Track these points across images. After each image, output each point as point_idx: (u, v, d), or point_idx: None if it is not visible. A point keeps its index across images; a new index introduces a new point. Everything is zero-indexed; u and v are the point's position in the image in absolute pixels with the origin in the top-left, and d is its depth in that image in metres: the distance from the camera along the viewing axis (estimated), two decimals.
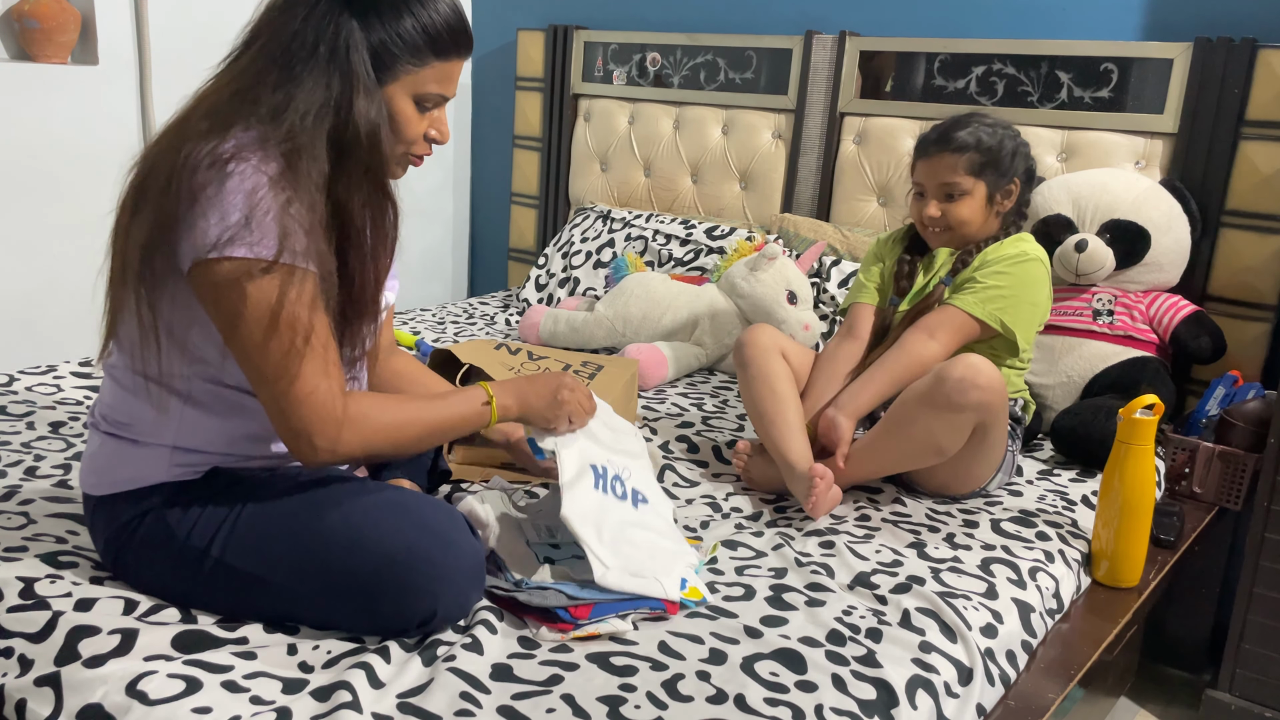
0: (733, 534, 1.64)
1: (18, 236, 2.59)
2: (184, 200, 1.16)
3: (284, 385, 1.19)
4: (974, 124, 1.84)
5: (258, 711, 1.09)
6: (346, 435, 1.23)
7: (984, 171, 1.83)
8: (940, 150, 1.84)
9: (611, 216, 3.07)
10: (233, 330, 1.19)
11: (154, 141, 1.24)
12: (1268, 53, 2.16)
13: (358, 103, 1.21)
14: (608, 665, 1.23)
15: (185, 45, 2.79)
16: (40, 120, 2.58)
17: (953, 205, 1.84)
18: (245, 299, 1.16)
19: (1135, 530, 1.66)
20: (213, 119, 1.19)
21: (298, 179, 1.17)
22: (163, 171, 1.18)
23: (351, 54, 1.21)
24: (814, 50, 2.75)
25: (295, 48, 1.21)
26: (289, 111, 1.19)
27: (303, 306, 1.18)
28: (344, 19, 1.21)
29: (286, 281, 1.16)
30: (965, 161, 1.82)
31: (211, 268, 1.16)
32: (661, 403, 2.26)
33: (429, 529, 1.26)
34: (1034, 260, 1.84)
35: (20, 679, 1.14)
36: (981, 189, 1.84)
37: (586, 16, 3.24)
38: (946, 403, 1.64)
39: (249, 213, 1.14)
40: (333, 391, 1.22)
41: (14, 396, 2.03)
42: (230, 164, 1.15)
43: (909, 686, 1.25)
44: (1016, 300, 1.82)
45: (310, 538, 1.24)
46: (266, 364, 1.19)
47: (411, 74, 1.26)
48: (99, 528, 1.32)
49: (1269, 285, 2.21)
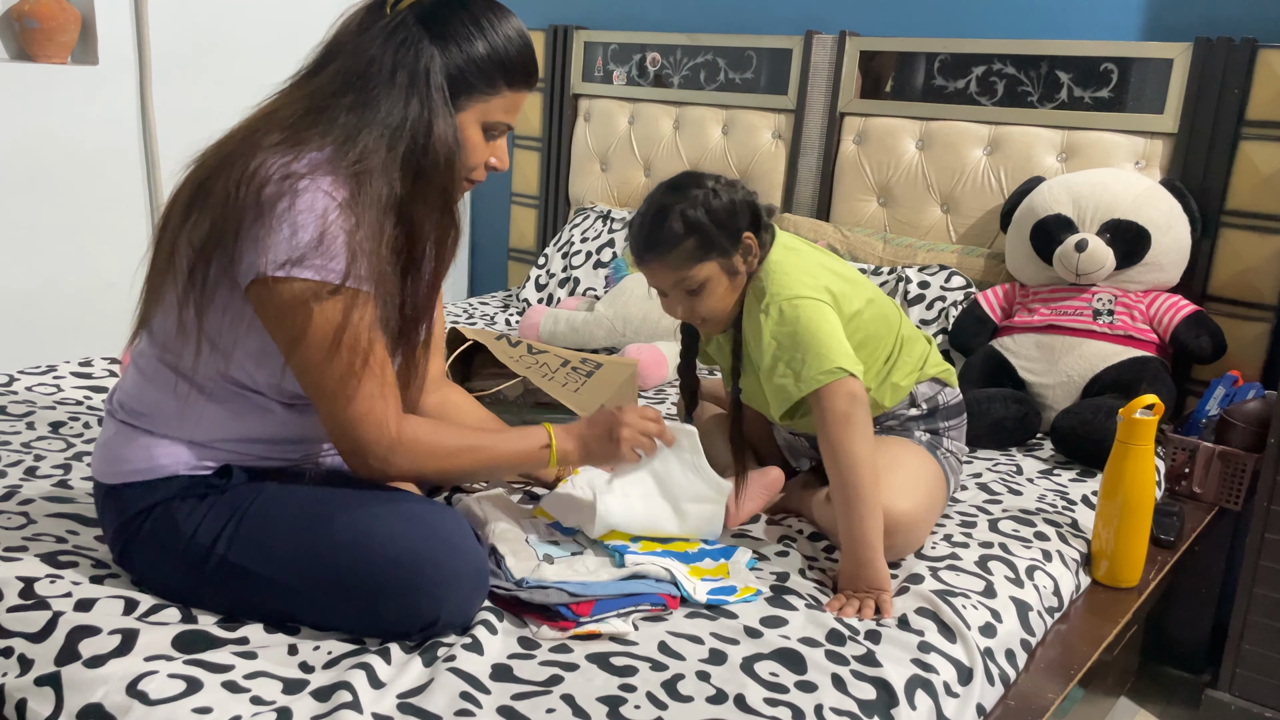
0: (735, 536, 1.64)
1: (18, 236, 2.59)
2: (249, 212, 1.16)
3: (342, 404, 1.22)
4: (677, 204, 1.56)
5: (258, 711, 1.09)
6: (397, 457, 1.26)
7: (709, 252, 1.56)
8: (653, 254, 1.58)
9: (611, 216, 3.07)
10: (294, 348, 1.21)
11: (216, 145, 1.25)
12: (1268, 53, 2.16)
13: (437, 126, 1.23)
14: (608, 665, 1.23)
15: (185, 45, 2.79)
16: (40, 120, 2.59)
17: (698, 299, 1.59)
18: (310, 320, 1.18)
19: (1135, 530, 1.66)
20: (286, 133, 1.19)
21: (367, 202, 1.19)
22: (229, 178, 1.17)
23: (431, 79, 1.23)
24: (814, 50, 2.75)
25: (373, 71, 1.22)
26: (364, 134, 1.20)
27: (364, 329, 1.20)
28: (423, 44, 1.23)
29: (350, 305, 1.18)
30: (683, 254, 1.55)
31: (278, 286, 1.17)
32: (661, 403, 2.26)
33: (435, 534, 1.26)
34: (805, 304, 1.54)
35: (20, 679, 1.14)
36: (715, 268, 1.57)
37: (586, 16, 3.24)
38: None
39: (320, 234, 1.15)
40: (387, 413, 1.25)
41: (14, 396, 2.03)
42: (303, 181, 1.16)
43: (909, 686, 1.25)
44: (811, 351, 1.52)
45: (316, 538, 1.25)
46: (326, 382, 1.21)
47: (483, 102, 1.28)
48: (108, 517, 1.33)
49: (1269, 285, 2.21)
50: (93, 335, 2.71)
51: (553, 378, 2.01)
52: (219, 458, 1.30)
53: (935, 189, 2.60)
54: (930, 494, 1.60)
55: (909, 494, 1.55)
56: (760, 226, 1.61)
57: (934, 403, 1.70)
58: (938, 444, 1.69)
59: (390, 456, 1.26)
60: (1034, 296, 2.31)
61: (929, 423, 1.70)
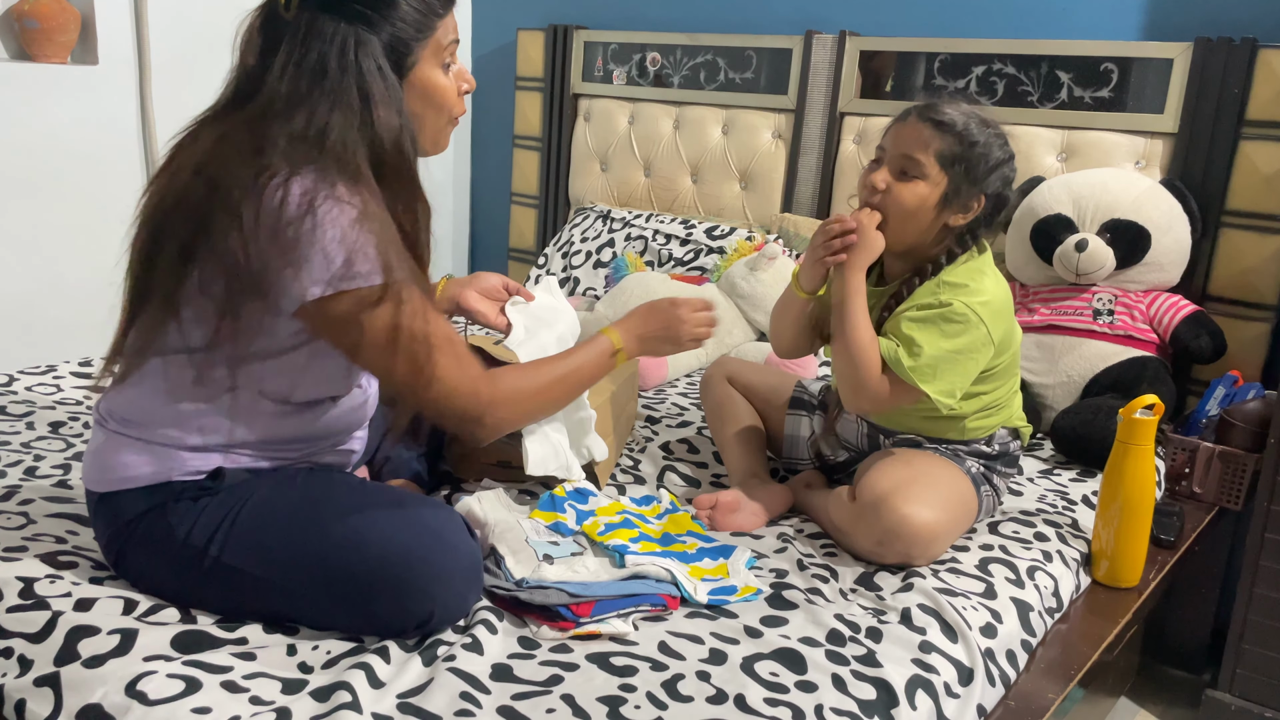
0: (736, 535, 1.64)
1: (18, 236, 2.59)
2: (272, 249, 1.15)
3: (427, 393, 1.26)
4: (970, 114, 1.59)
5: (257, 712, 1.09)
6: (500, 412, 1.32)
7: (954, 165, 1.57)
8: (920, 119, 1.58)
9: (611, 216, 3.07)
10: (362, 355, 1.23)
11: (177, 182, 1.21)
12: (1268, 53, 2.16)
13: (378, 114, 1.21)
14: (608, 665, 1.23)
15: (185, 45, 2.79)
16: (40, 120, 2.58)
17: (903, 185, 1.58)
18: (367, 327, 1.20)
19: (1135, 530, 1.66)
20: (262, 158, 1.16)
21: (371, 199, 1.19)
22: (231, 227, 1.15)
23: (362, 63, 1.20)
24: (814, 50, 2.75)
25: (304, 78, 1.19)
26: (330, 138, 1.18)
27: (418, 318, 1.22)
28: (338, 29, 1.20)
29: (398, 299, 1.20)
30: (941, 143, 1.56)
31: (326, 305, 1.18)
32: (661, 403, 2.26)
33: (427, 530, 1.26)
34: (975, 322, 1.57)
35: (20, 679, 1.14)
36: (941, 184, 1.57)
37: (586, 16, 3.24)
38: (870, 543, 1.55)
39: (351, 246, 1.16)
40: (473, 380, 1.29)
41: (14, 396, 2.03)
42: (317, 204, 1.15)
43: (909, 686, 1.25)
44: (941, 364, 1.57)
45: (308, 538, 1.24)
46: (404, 378, 1.24)
47: (428, 43, 1.27)
48: (100, 524, 1.32)
49: (1269, 285, 2.21)
50: (93, 335, 2.70)
51: None
52: (212, 461, 1.29)
53: None
54: (955, 515, 1.60)
55: (935, 507, 1.55)
56: (994, 214, 1.63)
57: (1005, 448, 1.74)
58: (983, 480, 1.70)
59: (492, 415, 1.31)
60: (1034, 296, 2.31)
61: (989, 462, 1.72)
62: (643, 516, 1.63)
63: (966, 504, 1.64)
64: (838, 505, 1.63)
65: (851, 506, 1.58)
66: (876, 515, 1.53)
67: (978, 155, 1.58)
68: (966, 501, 1.64)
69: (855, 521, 1.56)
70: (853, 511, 1.57)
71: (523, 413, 1.38)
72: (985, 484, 1.70)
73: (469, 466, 1.78)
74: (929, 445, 1.71)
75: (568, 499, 1.64)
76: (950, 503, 1.59)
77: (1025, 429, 1.79)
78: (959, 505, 1.62)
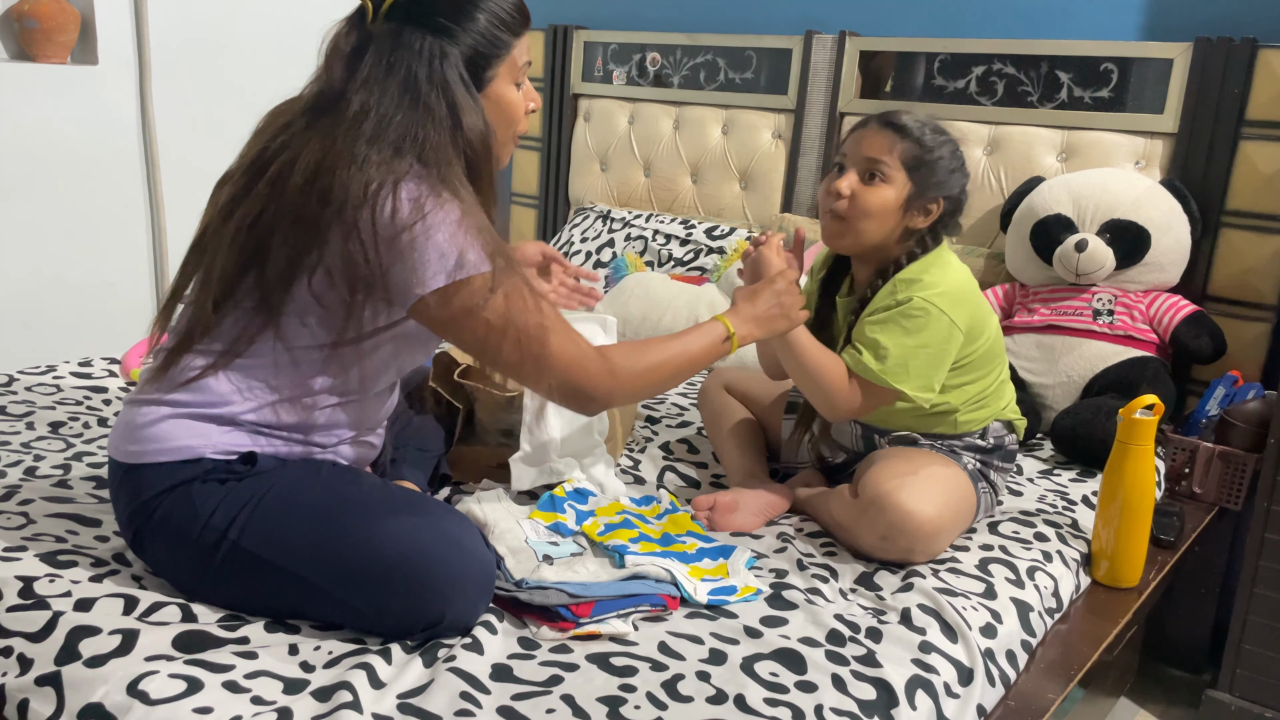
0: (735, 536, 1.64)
1: (18, 236, 2.59)
2: (391, 254, 1.21)
3: (545, 369, 1.30)
4: (926, 121, 1.66)
5: (259, 711, 1.09)
6: (617, 384, 1.35)
7: (916, 170, 1.62)
8: (882, 125, 1.65)
9: (611, 216, 3.07)
10: (480, 344, 1.28)
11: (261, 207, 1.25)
12: (1268, 53, 2.16)
13: (466, 119, 1.28)
14: (608, 665, 1.23)
15: (185, 45, 2.79)
16: (40, 120, 2.59)
17: (868, 190, 1.62)
18: (483, 313, 1.25)
19: (1135, 530, 1.66)
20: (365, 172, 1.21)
21: (469, 199, 1.26)
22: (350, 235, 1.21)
23: (447, 74, 1.26)
24: (814, 50, 2.75)
25: (394, 87, 1.25)
26: (428, 146, 1.25)
27: (526, 299, 1.27)
28: (425, 42, 1.26)
29: (506, 286, 1.25)
30: (904, 147, 1.62)
31: (442, 298, 1.23)
32: (661, 403, 2.26)
33: (446, 534, 1.27)
34: (937, 315, 1.59)
35: (21, 678, 1.14)
36: (904, 188, 1.62)
37: (586, 16, 3.24)
38: (873, 539, 1.56)
39: (460, 242, 1.22)
40: (587, 357, 1.33)
41: (14, 396, 2.03)
42: (425, 206, 1.21)
43: (909, 686, 1.25)
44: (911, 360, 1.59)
45: (329, 529, 1.26)
46: (521, 358, 1.28)
47: (504, 63, 1.33)
48: (123, 500, 1.33)
49: (1269, 285, 2.21)
50: (93, 335, 2.71)
51: None
52: (248, 443, 1.31)
53: None
54: (956, 510, 1.61)
55: (937, 502, 1.55)
56: (951, 215, 1.69)
57: (1000, 442, 1.74)
58: (980, 476, 1.70)
59: (604, 390, 1.34)
60: (1034, 296, 2.31)
61: (986, 456, 1.73)
62: (642, 517, 1.64)
63: (967, 500, 1.64)
64: (839, 502, 1.63)
65: (854, 503, 1.59)
66: (879, 511, 1.53)
67: (937, 159, 1.64)
68: (966, 498, 1.65)
69: (858, 518, 1.57)
70: (855, 508, 1.58)
71: (634, 390, 1.40)
72: (982, 480, 1.70)
73: (468, 469, 1.78)
74: (925, 442, 1.71)
75: (568, 499, 1.64)
76: (951, 498, 1.60)
77: (1020, 422, 1.79)
78: (960, 501, 1.62)
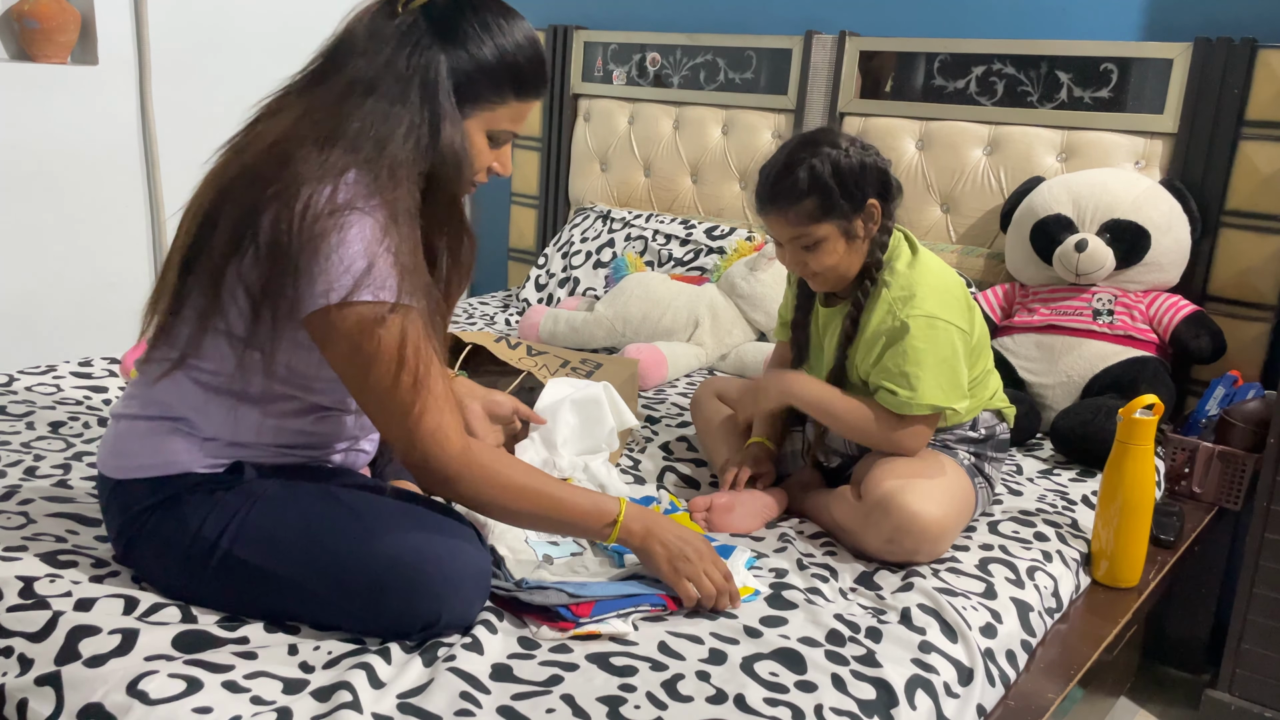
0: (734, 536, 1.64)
1: (18, 236, 2.59)
2: (305, 251, 1.16)
3: (411, 422, 1.22)
4: (806, 156, 1.59)
5: (258, 711, 1.09)
6: (466, 473, 1.26)
7: (829, 213, 1.59)
8: (774, 207, 1.62)
9: (611, 216, 3.07)
10: (357, 372, 1.21)
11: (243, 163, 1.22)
12: (1268, 53, 2.16)
13: (444, 132, 1.23)
14: (608, 665, 1.23)
15: (185, 45, 2.79)
16: (40, 120, 2.59)
17: (812, 255, 1.62)
18: (370, 343, 1.18)
19: (1135, 530, 1.66)
20: (321, 155, 1.18)
21: (403, 217, 1.20)
22: (280, 217, 1.16)
23: (440, 85, 1.23)
24: (814, 50, 2.75)
25: (387, 76, 1.21)
26: (389, 146, 1.20)
27: (422, 345, 1.21)
28: (433, 49, 1.23)
29: (406, 322, 1.19)
30: (803, 212, 1.59)
31: (336, 314, 1.17)
32: (661, 403, 2.26)
33: (440, 534, 1.27)
34: (942, 325, 1.59)
35: (20, 678, 1.14)
36: (834, 229, 1.60)
37: (586, 16, 3.24)
38: (879, 542, 1.55)
39: (371, 260, 1.16)
40: (455, 427, 1.25)
41: (14, 396, 2.03)
42: (346, 214, 1.16)
43: (909, 686, 1.25)
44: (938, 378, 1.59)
45: (320, 535, 1.25)
46: (394, 403, 1.21)
47: (489, 110, 1.28)
48: (113, 513, 1.33)
49: (1269, 285, 2.21)
50: (93, 335, 2.71)
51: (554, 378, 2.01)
52: (237, 454, 1.30)
53: (935, 189, 2.60)
54: (959, 509, 1.61)
55: (940, 502, 1.56)
56: (889, 196, 1.63)
57: (991, 432, 1.74)
58: (976, 470, 1.71)
59: (459, 472, 1.25)
60: (1034, 296, 2.31)
61: (978, 448, 1.73)
62: None
63: (967, 497, 1.65)
64: (841, 505, 1.63)
65: (857, 505, 1.59)
66: (884, 513, 1.53)
67: (840, 184, 1.58)
68: (967, 495, 1.65)
69: (862, 521, 1.56)
70: (859, 511, 1.58)
71: (485, 498, 1.28)
72: (978, 475, 1.70)
73: None
74: None
75: None
76: (954, 497, 1.60)
77: (1009, 410, 1.78)
78: (961, 499, 1.62)
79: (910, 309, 1.59)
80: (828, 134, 1.64)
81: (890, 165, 1.66)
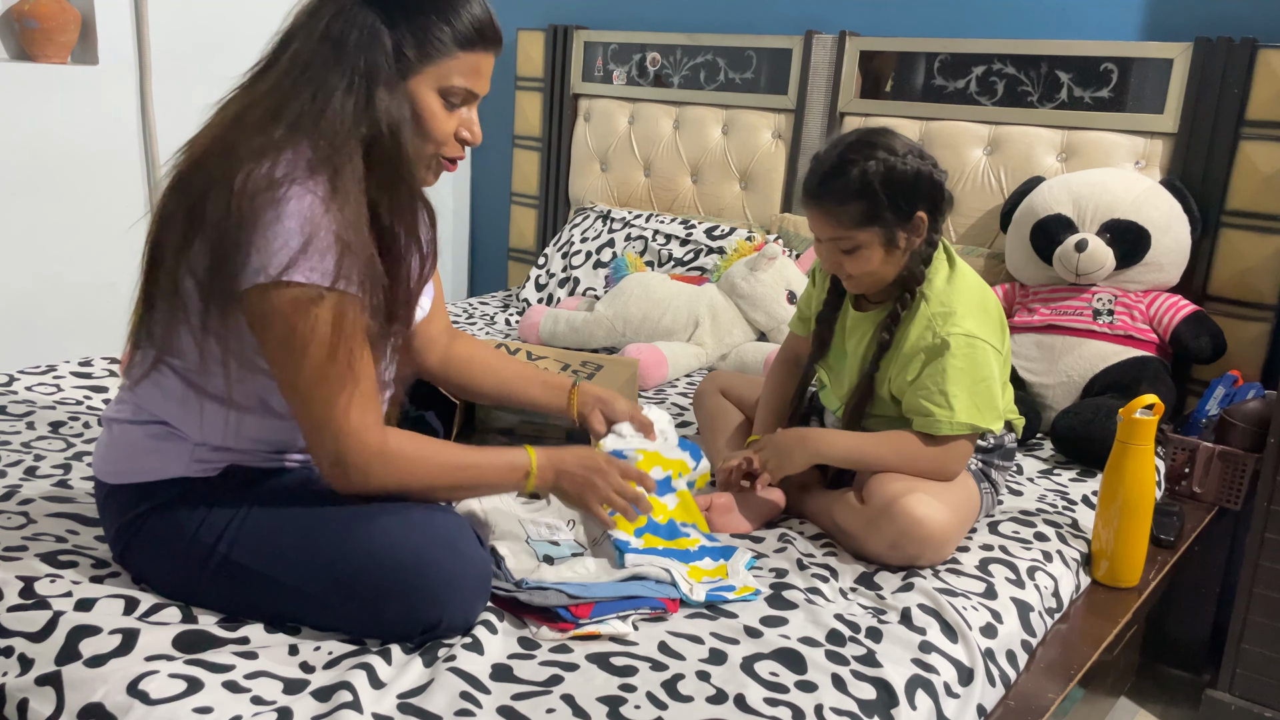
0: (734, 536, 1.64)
1: (18, 236, 2.59)
2: (244, 228, 1.14)
3: (326, 413, 1.19)
4: (860, 159, 1.54)
5: (259, 711, 1.09)
6: (379, 468, 1.23)
7: (873, 221, 1.55)
8: (818, 204, 1.58)
9: (611, 216, 3.07)
10: (280, 354, 1.18)
11: (188, 156, 1.22)
12: (1268, 53, 2.16)
13: (378, 96, 1.19)
14: (608, 665, 1.23)
15: (185, 45, 2.79)
16: (40, 120, 2.59)
17: (849, 258, 1.59)
18: (298, 325, 1.15)
19: (1135, 530, 1.66)
20: (260, 136, 1.17)
21: (346, 193, 1.16)
22: (218, 200, 1.15)
23: (373, 47, 1.19)
24: (814, 50, 2.75)
25: (323, 51, 1.19)
26: (326, 119, 1.17)
27: (353, 335, 1.18)
28: (364, 14, 1.20)
29: (339, 309, 1.16)
30: (846, 215, 1.55)
31: (268, 293, 1.14)
32: (661, 402, 2.26)
33: (438, 537, 1.26)
34: (981, 345, 1.57)
35: (21, 678, 1.14)
36: (875, 236, 1.56)
37: (586, 16, 3.24)
38: (883, 547, 1.55)
39: (308, 238, 1.13)
40: (371, 424, 1.22)
41: (14, 396, 2.03)
42: (286, 189, 1.13)
43: (909, 686, 1.25)
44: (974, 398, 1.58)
45: (318, 539, 1.25)
46: (312, 391, 1.18)
47: (435, 65, 1.23)
48: (109, 517, 1.33)
49: (1269, 285, 2.21)
50: (93, 335, 2.71)
51: None
52: (228, 459, 1.30)
53: None
54: (964, 514, 1.61)
55: (946, 507, 1.55)
56: (939, 209, 1.59)
57: (1000, 441, 1.74)
58: (982, 476, 1.71)
59: (371, 468, 1.22)
60: (1034, 296, 2.31)
61: (987, 456, 1.72)
62: (668, 479, 1.59)
63: (973, 502, 1.65)
64: (845, 510, 1.62)
65: (861, 510, 1.58)
66: (889, 519, 1.52)
67: (889, 194, 1.54)
68: (972, 499, 1.65)
69: (866, 525, 1.56)
70: (863, 515, 1.57)
71: (404, 483, 1.26)
72: (985, 480, 1.71)
73: None
74: None
75: None
76: (959, 502, 1.60)
77: (1018, 421, 1.78)
78: (966, 504, 1.62)
79: (950, 326, 1.56)
80: (886, 135, 1.58)
81: (946, 177, 1.62)
